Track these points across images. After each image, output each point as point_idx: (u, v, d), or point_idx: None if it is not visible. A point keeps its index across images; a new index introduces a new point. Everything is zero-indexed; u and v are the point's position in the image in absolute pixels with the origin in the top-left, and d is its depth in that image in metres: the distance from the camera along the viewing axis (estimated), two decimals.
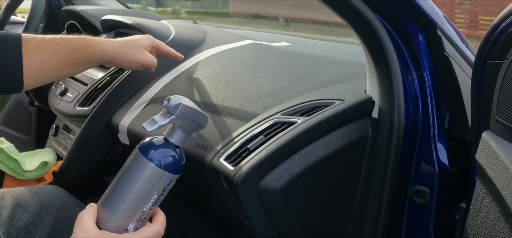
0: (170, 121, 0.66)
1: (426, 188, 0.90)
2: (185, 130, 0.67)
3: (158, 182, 0.65)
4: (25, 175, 1.27)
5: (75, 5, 1.92)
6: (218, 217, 1.21)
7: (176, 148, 0.67)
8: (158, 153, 0.65)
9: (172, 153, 0.67)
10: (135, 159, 0.66)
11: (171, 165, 0.66)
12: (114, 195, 0.66)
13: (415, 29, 0.88)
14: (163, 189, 0.66)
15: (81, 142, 1.27)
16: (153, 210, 0.68)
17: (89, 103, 1.29)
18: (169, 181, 0.66)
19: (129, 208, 0.65)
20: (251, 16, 3.99)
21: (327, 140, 0.88)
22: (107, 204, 0.67)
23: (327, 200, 0.93)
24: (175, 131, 0.67)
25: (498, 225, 0.64)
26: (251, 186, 0.84)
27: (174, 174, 0.67)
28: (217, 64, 1.25)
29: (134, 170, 0.65)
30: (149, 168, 0.65)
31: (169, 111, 0.66)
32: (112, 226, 0.66)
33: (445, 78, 0.89)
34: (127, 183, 0.65)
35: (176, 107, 0.65)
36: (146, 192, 0.65)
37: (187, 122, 0.67)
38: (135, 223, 0.66)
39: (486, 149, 0.69)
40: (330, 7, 0.86)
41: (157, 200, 0.67)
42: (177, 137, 0.67)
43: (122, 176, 0.66)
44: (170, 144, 0.67)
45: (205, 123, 0.70)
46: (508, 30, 0.68)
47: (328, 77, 1.07)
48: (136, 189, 0.65)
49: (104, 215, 0.66)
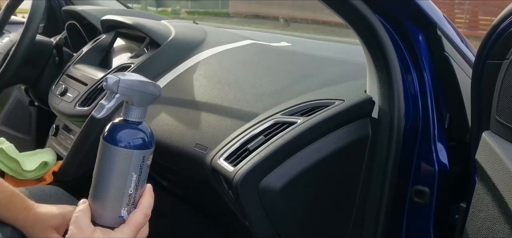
0: (117, 100, 0.64)
1: (426, 188, 0.90)
2: (138, 104, 0.66)
3: (130, 163, 0.65)
4: (25, 175, 1.26)
5: (75, 5, 1.92)
6: (218, 217, 1.21)
7: (138, 123, 0.66)
8: (121, 134, 0.65)
9: (134, 130, 0.66)
10: (102, 148, 0.66)
11: (137, 143, 0.65)
12: (97, 188, 0.66)
13: (415, 29, 0.88)
14: (140, 167, 0.66)
15: (81, 142, 1.27)
16: (141, 191, 0.68)
17: (89, 103, 1.29)
18: (142, 158, 0.66)
19: (114, 196, 0.66)
20: (251, 16, 3.99)
21: (327, 140, 0.88)
22: (94, 198, 0.67)
23: (327, 200, 0.93)
24: (129, 108, 0.66)
25: (498, 225, 0.64)
26: (251, 186, 0.84)
27: (144, 150, 0.66)
28: (217, 64, 1.25)
29: (105, 158, 0.65)
30: (117, 152, 0.64)
31: (112, 90, 0.64)
32: (105, 217, 0.66)
33: (445, 78, 0.89)
34: (103, 173, 0.65)
35: (116, 84, 0.63)
36: (123, 176, 0.65)
37: (136, 95, 0.65)
38: (126, 207, 0.67)
39: (486, 149, 0.69)
40: (330, 7, 0.86)
41: (139, 180, 0.67)
42: (133, 112, 0.66)
43: (97, 168, 0.66)
44: (130, 122, 0.66)
45: (158, 90, 0.68)
46: (508, 30, 0.68)
47: (328, 77, 1.07)
48: (113, 176, 0.65)
49: (95, 209, 0.67)
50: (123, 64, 1.33)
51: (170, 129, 1.06)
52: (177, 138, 1.02)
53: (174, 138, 1.03)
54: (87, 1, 2.07)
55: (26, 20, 1.44)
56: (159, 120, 1.11)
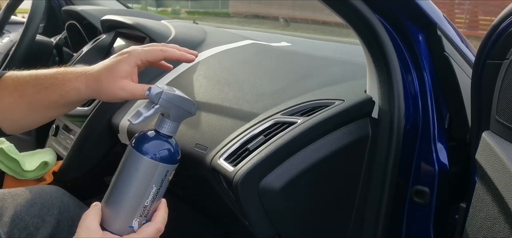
0: (155, 111, 0.65)
1: (426, 188, 0.90)
2: (173, 118, 0.67)
3: (154, 175, 0.65)
4: (25, 175, 1.26)
5: (75, 5, 1.92)
6: (218, 217, 1.21)
7: (168, 137, 0.67)
8: (150, 145, 0.65)
9: (164, 143, 0.67)
10: (128, 154, 0.66)
11: (164, 155, 0.66)
12: (114, 193, 0.66)
13: (415, 29, 0.88)
14: (161, 181, 0.66)
15: (81, 142, 1.27)
16: (156, 205, 0.68)
17: (89, 103, 1.29)
18: (166, 172, 0.66)
19: (130, 205, 0.66)
20: (251, 16, 3.99)
21: (327, 140, 0.88)
22: (108, 203, 0.67)
23: (327, 200, 0.93)
24: (163, 121, 0.66)
25: (498, 225, 0.64)
26: (251, 186, 0.84)
27: (169, 164, 0.67)
28: (217, 64, 1.25)
29: (129, 165, 0.65)
30: (142, 161, 0.65)
31: (152, 100, 0.65)
32: (116, 224, 0.66)
33: (445, 78, 0.89)
34: (124, 179, 0.65)
35: (158, 95, 0.65)
36: (143, 186, 0.65)
37: (173, 109, 0.66)
38: (138, 219, 0.66)
39: (486, 149, 0.69)
40: (330, 7, 0.86)
41: (157, 193, 0.67)
42: (167, 126, 0.66)
43: (119, 174, 0.67)
44: (161, 134, 0.67)
45: (194, 109, 0.68)
46: (508, 30, 0.68)
47: (328, 77, 1.07)
48: (133, 184, 0.65)
49: (107, 214, 0.66)
50: None
51: None
52: (177, 138, 1.02)
53: None
54: (87, 1, 2.07)
55: (26, 20, 1.44)
56: None
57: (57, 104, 0.81)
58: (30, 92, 0.79)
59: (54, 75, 0.81)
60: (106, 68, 0.81)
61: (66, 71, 0.82)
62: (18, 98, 0.79)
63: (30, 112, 0.81)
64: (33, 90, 0.79)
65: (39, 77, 0.80)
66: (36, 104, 0.80)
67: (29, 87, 0.79)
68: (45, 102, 0.80)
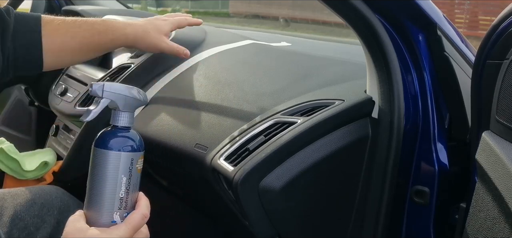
0: (102, 104, 0.68)
1: (426, 188, 0.90)
2: (123, 108, 0.69)
3: (119, 166, 0.67)
4: (25, 175, 1.26)
5: (75, 5, 1.92)
6: (218, 217, 1.21)
7: (126, 129, 0.70)
8: (109, 139, 0.68)
9: (121, 134, 0.69)
10: (93, 154, 0.69)
11: (124, 145, 0.68)
12: (89, 194, 0.69)
13: (415, 29, 0.88)
14: (129, 170, 0.68)
15: (81, 142, 1.27)
16: (133, 196, 0.70)
17: (89, 103, 1.29)
18: (131, 160, 0.68)
19: (105, 200, 0.68)
20: (251, 16, 3.99)
21: (327, 140, 0.88)
22: (87, 205, 0.69)
23: (327, 200, 0.93)
24: (116, 114, 0.69)
25: (498, 225, 0.64)
26: (251, 186, 0.84)
27: (132, 152, 0.69)
28: (217, 64, 1.25)
29: (95, 164, 0.68)
30: (105, 156, 0.67)
31: (97, 96, 0.68)
32: (99, 222, 0.68)
33: (445, 78, 0.89)
34: (94, 178, 0.68)
35: (100, 88, 0.67)
36: (113, 179, 0.67)
37: (121, 100, 0.69)
38: (118, 212, 0.68)
39: (486, 149, 0.69)
40: (330, 7, 0.86)
41: (129, 183, 0.69)
42: (121, 118, 0.69)
43: (89, 175, 0.69)
44: (118, 128, 0.69)
45: (142, 96, 0.71)
46: (508, 30, 0.68)
47: (328, 77, 1.07)
48: (103, 180, 0.67)
49: (89, 216, 0.69)
50: (123, 64, 1.33)
51: (170, 129, 1.06)
52: (177, 138, 1.02)
53: (174, 138, 1.03)
54: (87, 1, 2.07)
55: None
56: (159, 120, 1.11)
57: (105, 47, 0.97)
58: (84, 35, 0.92)
59: (104, 22, 0.96)
60: (151, 23, 1.01)
61: (113, 20, 0.99)
62: (70, 40, 0.91)
63: (78, 53, 0.95)
64: (88, 34, 0.93)
65: (90, 23, 0.94)
66: (87, 46, 0.94)
67: (82, 31, 0.92)
68: (96, 45, 0.95)
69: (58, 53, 0.91)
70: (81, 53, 0.95)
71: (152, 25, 1.01)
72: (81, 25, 0.93)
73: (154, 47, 1.02)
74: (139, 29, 0.99)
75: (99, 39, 0.94)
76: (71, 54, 0.94)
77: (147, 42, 1.00)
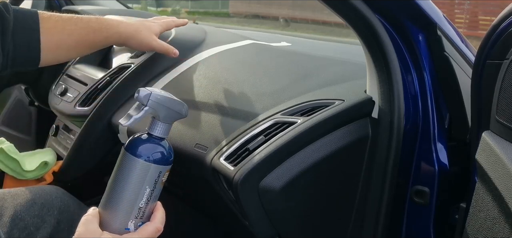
0: (145, 112, 0.67)
1: (426, 188, 0.90)
2: (163, 120, 0.68)
3: (146, 176, 0.66)
4: (25, 175, 1.26)
5: (75, 5, 1.92)
6: (218, 217, 1.21)
7: (160, 139, 0.69)
8: (142, 147, 0.67)
9: (156, 144, 0.68)
10: (122, 157, 0.67)
11: (156, 157, 0.67)
12: (109, 196, 0.67)
13: (415, 29, 0.88)
14: (154, 182, 0.67)
15: (81, 142, 1.27)
16: (152, 206, 0.69)
17: (89, 103, 1.29)
18: (159, 173, 0.67)
19: (125, 206, 0.67)
20: (251, 16, 3.99)
21: (327, 140, 0.88)
22: (104, 206, 0.68)
23: (327, 200, 0.93)
24: (155, 123, 0.68)
25: (498, 225, 0.64)
26: (251, 186, 0.84)
27: (162, 165, 0.68)
28: (217, 64, 1.25)
29: (123, 168, 0.67)
30: (135, 163, 0.66)
31: (142, 103, 0.66)
32: (112, 226, 0.67)
33: (445, 78, 0.89)
34: (118, 182, 0.67)
35: (147, 97, 0.66)
36: (137, 188, 0.66)
37: (163, 111, 0.68)
38: (134, 220, 0.67)
39: (486, 149, 0.69)
40: (330, 7, 0.86)
41: (151, 195, 0.67)
42: (158, 128, 0.68)
43: (113, 176, 0.68)
44: (153, 137, 0.68)
45: (184, 110, 0.71)
46: (508, 30, 0.68)
47: (328, 77, 1.07)
48: (127, 186, 0.66)
49: (104, 217, 0.67)
50: (123, 64, 1.33)
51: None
52: (177, 138, 1.02)
53: (174, 138, 1.03)
54: (87, 1, 2.07)
55: None
56: None
57: (100, 44, 1.01)
58: (80, 33, 0.96)
59: (99, 20, 0.99)
60: (142, 24, 1.06)
61: (107, 19, 1.03)
62: (67, 37, 0.95)
63: (74, 50, 0.98)
64: (83, 32, 0.96)
65: (86, 21, 0.97)
66: (83, 43, 0.97)
67: (78, 29, 0.96)
68: (91, 43, 0.98)
69: (55, 51, 0.94)
70: (76, 50, 0.99)
71: (144, 26, 1.06)
72: (77, 23, 0.96)
73: (146, 45, 1.06)
74: (131, 28, 1.03)
75: (94, 37, 0.98)
76: (67, 51, 0.97)
77: (139, 40, 1.04)
